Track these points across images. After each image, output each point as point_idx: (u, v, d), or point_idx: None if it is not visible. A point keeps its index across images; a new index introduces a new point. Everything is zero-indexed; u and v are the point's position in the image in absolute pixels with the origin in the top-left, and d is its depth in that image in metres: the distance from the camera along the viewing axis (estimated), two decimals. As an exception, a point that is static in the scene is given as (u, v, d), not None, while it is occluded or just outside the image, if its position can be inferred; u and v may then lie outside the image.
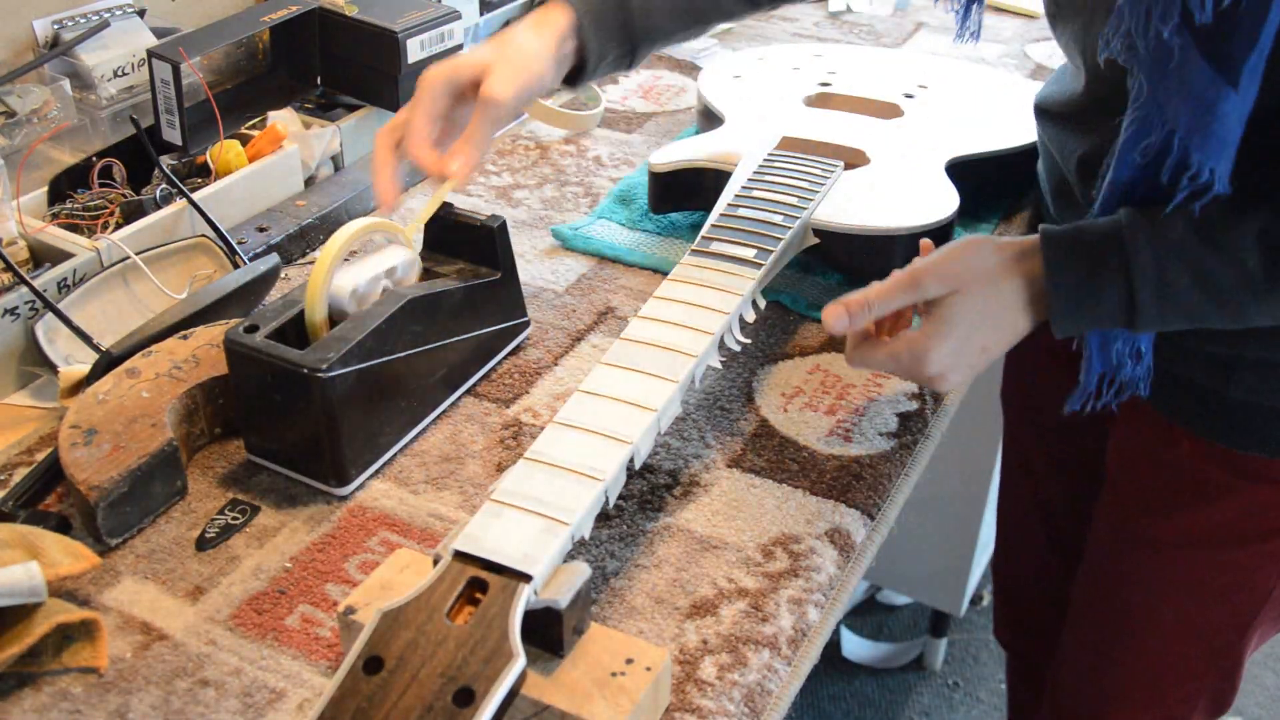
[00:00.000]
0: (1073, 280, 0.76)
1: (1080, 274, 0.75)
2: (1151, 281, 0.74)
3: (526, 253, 1.06)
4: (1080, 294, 0.76)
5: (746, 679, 0.67)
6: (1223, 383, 0.86)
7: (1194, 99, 0.68)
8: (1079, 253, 0.76)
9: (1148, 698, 1.05)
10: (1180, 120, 0.69)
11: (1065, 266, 0.76)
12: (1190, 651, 1.01)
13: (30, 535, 0.68)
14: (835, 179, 0.99)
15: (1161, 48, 0.67)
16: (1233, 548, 0.94)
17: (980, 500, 1.70)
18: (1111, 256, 0.75)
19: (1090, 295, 0.75)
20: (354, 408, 0.77)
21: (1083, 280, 0.75)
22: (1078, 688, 1.11)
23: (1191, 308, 0.75)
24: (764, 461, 0.83)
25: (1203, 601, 0.98)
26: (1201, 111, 0.68)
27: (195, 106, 1.03)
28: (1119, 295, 0.75)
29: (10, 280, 0.88)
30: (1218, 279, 0.73)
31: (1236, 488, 0.91)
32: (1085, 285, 0.75)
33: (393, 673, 0.52)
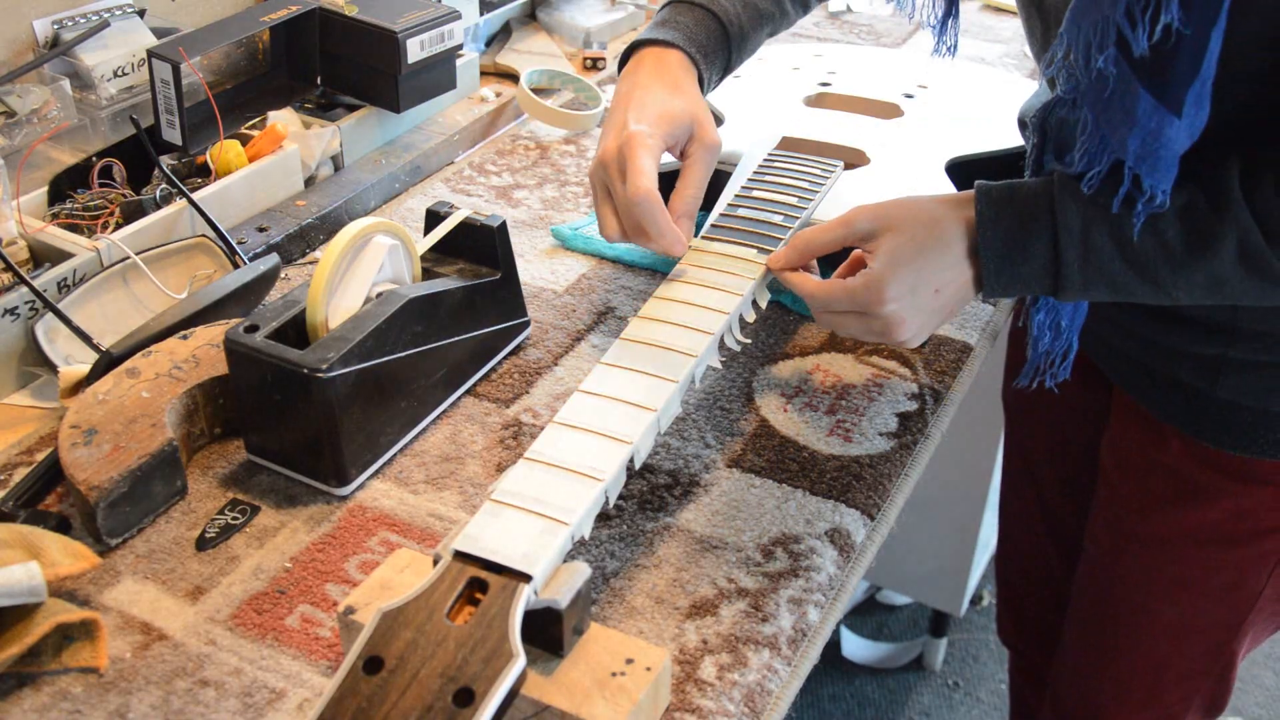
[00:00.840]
0: (1002, 235, 0.75)
1: (1010, 230, 0.75)
2: (1076, 243, 0.73)
3: (526, 253, 1.06)
4: (1009, 250, 0.75)
5: (746, 679, 0.67)
6: (1210, 383, 0.86)
7: (1139, 129, 0.67)
8: (1011, 208, 0.75)
9: (1145, 696, 1.06)
10: (1128, 150, 0.69)
11: (997, 221, 0.75)
12: (1185, 650, 1.01)
13: (30, 535, 0.68)
14: (835, 179, 0.99)
15: (1100, 78, 0.67)
16: (1224, 547, 0.94)
17: (980, 500, 1.71)
18: (1041, 215, 0.74)
19: (1018, 252, 0.75)
20: (354, 408, 0.77)
21: (1012, 236, 0.75)
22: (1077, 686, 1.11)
23: (1114, 275, 0.74)
24: (764, 461, 0.83)
25: (1196, 600, 0.98)
26: (1148, 139, 0.68)
27: (195, 106, 1.03)
28: (1045, 255, 0.74)
29: (10, 280, 0.88)
30: (1138, 248, 0.73)
31: (1226, 488, 0.91)
32: (1014, 241, 0.75)
33: (393, 673, 0.52)
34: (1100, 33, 0.65)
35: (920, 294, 0.77)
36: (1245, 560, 0.94)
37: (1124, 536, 1.00)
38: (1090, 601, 1.07)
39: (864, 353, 0.94)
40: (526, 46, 1.43)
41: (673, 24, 0.94)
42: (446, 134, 1.22)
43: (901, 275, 0.76)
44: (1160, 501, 0.96)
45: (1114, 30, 0.65)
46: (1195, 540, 0.95)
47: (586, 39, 1.47)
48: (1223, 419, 0.88)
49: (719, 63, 0.96)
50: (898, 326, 0.77)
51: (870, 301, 0.76)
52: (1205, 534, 0.94)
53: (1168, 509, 0.95)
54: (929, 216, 0.77)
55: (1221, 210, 0.70)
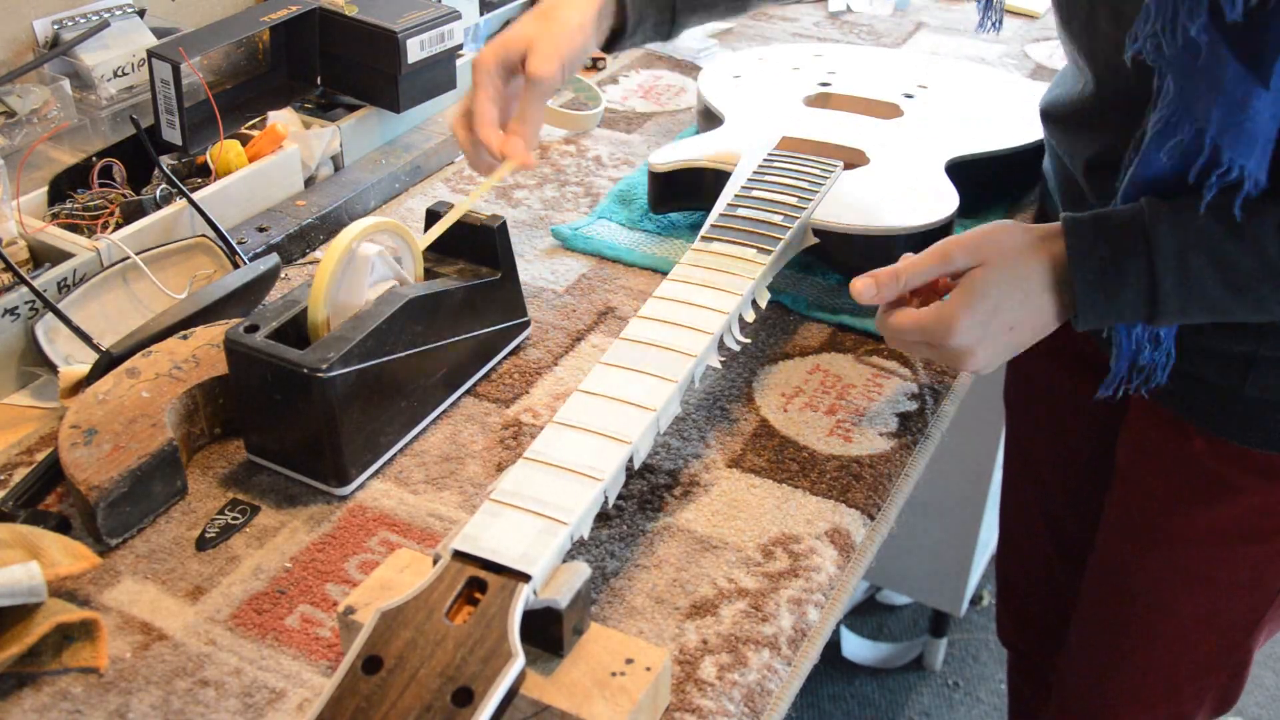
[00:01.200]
0: (1096, 268, 0.75)
1: (1103, 262, 0.75)
2: (1174, 270, 0.73)
3: (526, 253, 1.06)
4: (1103, 281, 0.75)
5: (746, 679, 0.67)
6: (1239, 381, 0.86)
7: (1224, 97, 0.67)
8: (1102, 240, 0.75)
9: (1158, 694, 1.05)
10: (1211, 119, 0.68)
11: (1088, 254, 0.75)
12: (1201, 647, 1.01)
13: (30, 535, 0.68)
14: (835, 179, 0.99)
15: (1189, 45, 0.66)
16: (1245, 544, 0.94)
17: (980, 500, 1.71)
18: (1135, 244, 0.74)
19: (1113, 282, 0.75)
20: (354, 408, 0.77)
21: (1106, 268, 0.75)
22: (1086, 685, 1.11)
23: (1213, 299, 0.74)
24: (764, 461, 0.83)
25: (1214, 597, 0.98)
26: (1233, 109, 0.67)
27: (195, 106, 1.03)
28: (1142, 284, 0.74)
29: (10, 280, 0.88)
30: (1239, 268, 0.73)
31: (1250, 485, 0.91)
32: (1108, 272, 0.75)
33: (392, 672, 0.52)
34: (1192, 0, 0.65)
35: (992, 328, 0.77)
36: (1265, 557, 0.94)
37: (1141, 535, 1.00)
38: (1102, 600, 1.07)
39: (864, 353, 0.94)
40: (526, 46, 1.43)
41: None
42: (446, 134, 1.22)
43: (976, 312, 0.76)
44: (1181, 499, 0.96)
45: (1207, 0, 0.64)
46: (1215, 537, 0.95)
47: (586, 39, 1.47)
48: (1250, 416, 0.87)
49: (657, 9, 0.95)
50: (967, 358, 0.78)
51: (939, 335, 0.77)
52: (1226, 531, 0.94)
53: (1189, 507, 0.95)
54: (1017, 252, 0.77)
55: None
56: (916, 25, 1.59)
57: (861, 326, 0.96)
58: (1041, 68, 1.45)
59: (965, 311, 0.76)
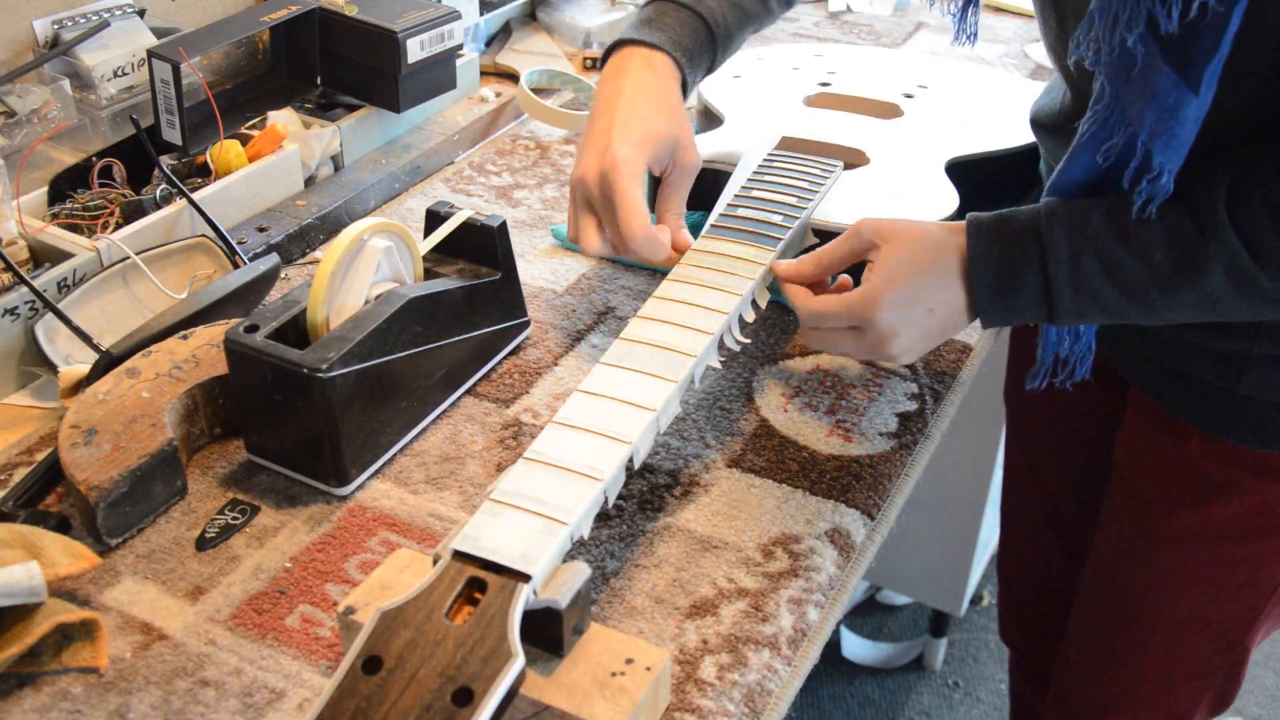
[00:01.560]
0: (993, 269, 0.77)
1: (1000, 264, 0.77)
2: (1066, 274, 0.75)
3: (526, 253, 1.06)
4: (999, 283, 0.77)
5: (746, 679, 0.67)
6: (1233, 380, 0.86)
7: (1157, 103, 0.69)
8: (998, 242, 0.77)
9: (1156, 693, 1.06)
10: (1144, 123, 0.70)
11: (986, 255, 0.77)
12: (1199, 646, 1.02)
13: (30, 535, 0.68)
14: (835, 179, 0.99)
15: (1126, 54, 0.68)
16: (1242, 543, 0.94)
17: (980, 500, 1.70)
18: (1029, 247, 0.76)
19: (1009, 285, 0.77)
20: (354, 408, 0.77)
21: (1002, 270, 0.77)
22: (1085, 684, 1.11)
23: (1106, 301, 0.75)
24: (764, 461, 0.83)
25: (1211, 596, 0.98)
26: (1164, 115, 0.69)
27: (195, 106, 1.03)
28: (1036, 286, 0.76)
29: (10, 280, 0.88)
30: (1127, 272, 0.74)
31: (1246, 484, 0.91)
32: (1004, 274, 0.77)
33: (392, 672, 0.52)
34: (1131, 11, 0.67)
35: (914, 310, 0.78)
36: (1262, 555, 0.95)
37: (1138, 534, 1.00)
38: (1100, 599, 1.07)
39: (864, 353, 0.94)
40: (526, 46, 1.43)
41: (658, 24, 0.94)
42: (446, 134, 1.22)
43: (897, 289, 0.77)
44: (1177, 499, 0.96)
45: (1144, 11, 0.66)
46: (1212, 536, 0.95)
47: (586, 39, 1.47)
48: (1245, 415, 0.88)
49: (703, 65, 0.97)
50: (890, 340, 0.78)
51: (865, 312, 0.77)
52: (1223, 530, 0.94)
53: (1185, 506, 0.95)
54: (928, 237, 0.79)
55: (1208, 233, 0.71)
56: (916, 25, 1.59)
57: (861, 326, 0.96)
58: (1041, 68, 1.45)
59: (887, 288, 0.77)
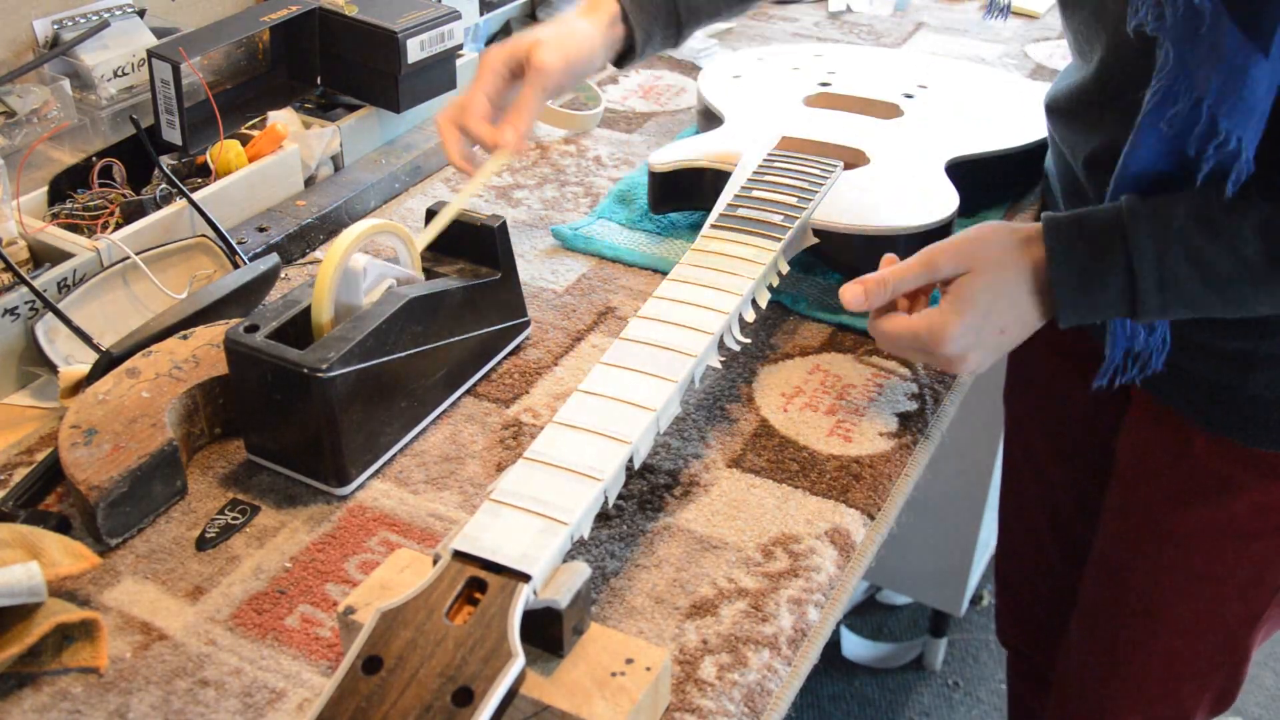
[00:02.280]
0: (1076, 269, 0.76)
1: (1083, 263, 0.76)
2: (1153, 270, 0.74)
3: (526, 253, 1.06)
4: (1083, 282, 0.76)
5: (746, 679, 0.67)
6: (1240, 379, 0.86)
7: (1224, 65, 0.67)
8: (1081, 241, 0.76)
9: (1158, 691, 1.05)
10: (1210, 87, 0.68)
11: (1068, 256, 0.76)
12: (1200, 645, 1.01)
13: (30, 535, 0.68)
14: (835, 179, 0.99)
15: (1192, 13, 0.67)
16: (1245, 542, 0.94)
17: (980, 500, 1.70)
18: (1114, 245, 0.75)
19: (1093, 284, 0.76)
20: (354, 408, 0.77)
21: (1085, 269, 0.76)
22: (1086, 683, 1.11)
23: (1193, 296, 0.75)
24: (764, 461, 0.83)
25: (1213, 595, 0.98)
26: (1231, 77, 0.67)
27: (195, 106, 1.03)
28: (1121, 284, 0.75)
29: (10, 280, 0.88)
30: (1217, 267, 0.73)
31: (1250, 483, 0.91)
32: (1088, 273, 0.76)
33: (392, 672, 0.52)
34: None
35: (985, 333, 0.78)
36: (1266, 555, 0.94)
37: (1141, 532, 1.00)
38: (1101, 597, 1.07)
39: (864, 353, 0.94)
40: (526, 46, 1.43)
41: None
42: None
43: (967, 320, 0.78)
44: (1181, 497, 0.96)
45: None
46: (1216, 535, 0.95)
47: (586, 39, 1.47)
48: (1251, 414, 0.88)
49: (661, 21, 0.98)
50: (957, 363, 0.80)
51: (932, 343, 0.78)
52: (1226, 529, 0.94)
53: (1189, 505, 0.95)
54: (1002, 256, 0.79)
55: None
56: (916, 25, 1.59)
57: (861, 326, 0.96)
58: (1041, 68, 1.45)
59: (957, 320, 0.77)
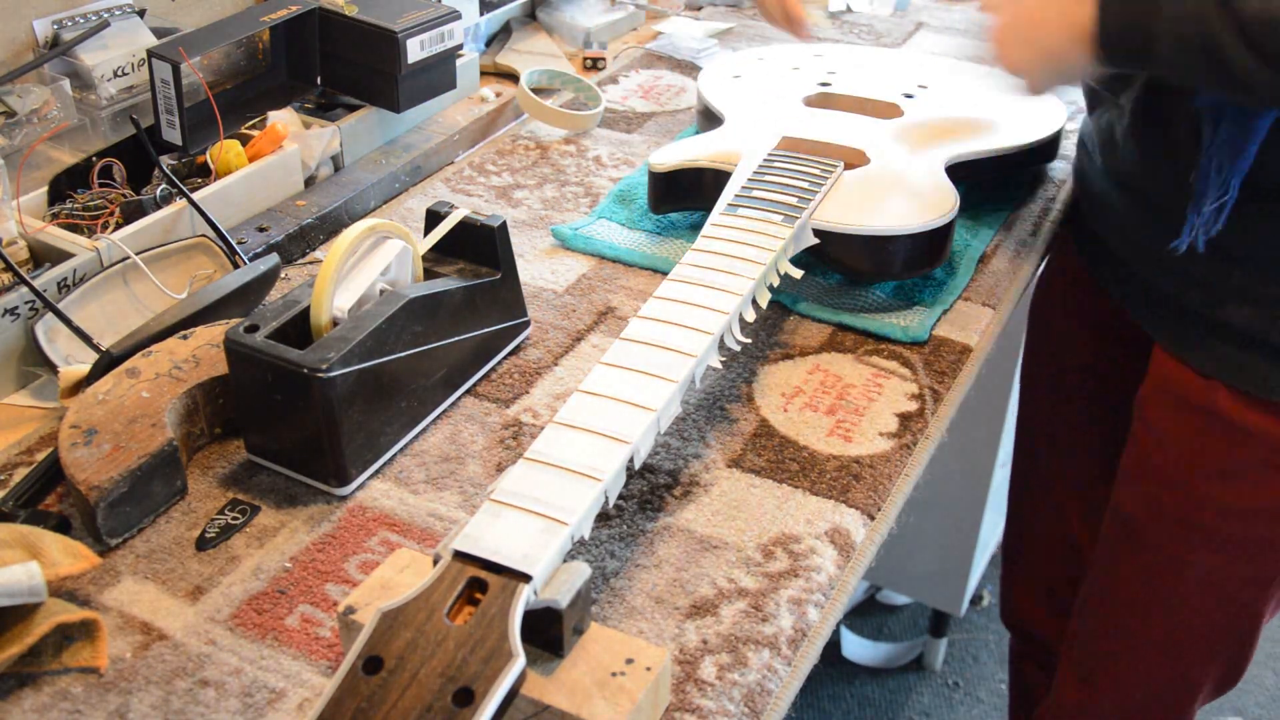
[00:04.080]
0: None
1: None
2: None
3: (526, 253, 1.06)
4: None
5: (746, 679, 0.67)
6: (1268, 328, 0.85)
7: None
8: None
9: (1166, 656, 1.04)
10: None
11: None
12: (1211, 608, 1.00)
13: (30, 535, 0.68)
14: (835, 179, 0.99)
15: None
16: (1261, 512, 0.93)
17: (980, 500, 1.70)
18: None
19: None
20: (354, 408, 0.77)
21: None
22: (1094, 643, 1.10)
23: None
24: (764, 461, 0.83)
25: (1225, 557, 0.97)
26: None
27: (195, 106, 1.03)
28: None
29: (10, 280, 0.88)
30: None
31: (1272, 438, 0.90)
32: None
33: (392, 673, 0.52)
34: None
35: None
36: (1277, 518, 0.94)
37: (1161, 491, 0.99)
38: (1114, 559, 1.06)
39: (864, 353, 0.94)
40: (526, 46, 1.43)
41: None
42: (446, 134, 1.22)
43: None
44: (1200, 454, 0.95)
45: None
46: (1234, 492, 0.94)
47: (586, 39, 1.47)
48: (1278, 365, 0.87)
49: None
50: (999, 33, 0.80)
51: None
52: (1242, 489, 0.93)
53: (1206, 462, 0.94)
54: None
55: None
56: (916, 25, 1.59)
57: (861, 326, 0.96)
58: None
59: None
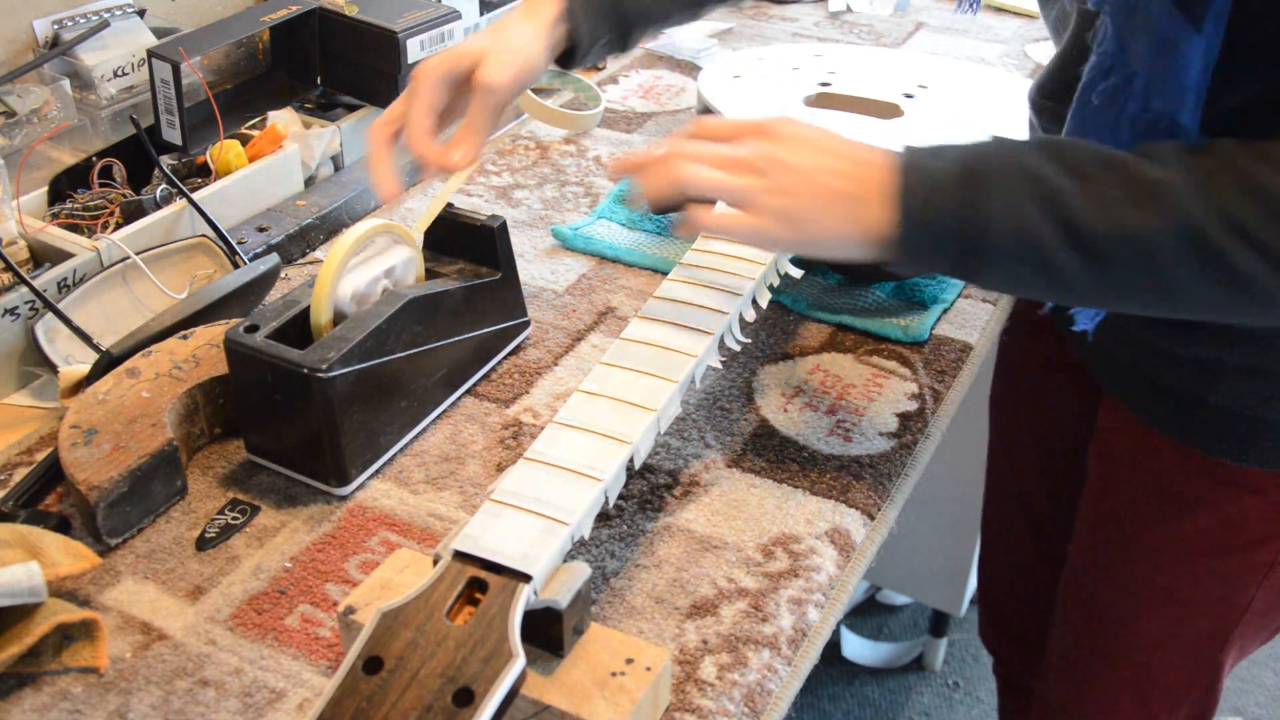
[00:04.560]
0: (924, 163, 0.67)
1: (931, 174, 0.67)
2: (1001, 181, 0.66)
3: (526, 253, 1.06)
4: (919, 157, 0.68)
5: (746, 679, 0.67)
6: (1206, 390, 0.84)
7: (1157, 39, 0.66)
8: (933, 156, 0.68)
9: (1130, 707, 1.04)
10: (1142, 62, 0.67)
11: (918, 163, 0.68)
12: (1171, 662, 0.99)
13: (30, 535, 0.68)
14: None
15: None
16: (1213, 557, 0.91)
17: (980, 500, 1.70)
18: (968, 162, 0.67)
19: (937, 190, 0.66)
20: (354, 408, 0.77)
21: (933, 177, 0.67)
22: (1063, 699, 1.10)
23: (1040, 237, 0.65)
24: (764, 461, 0.83)
25: (1183, 611, 0.95)
26: (1163, 52, 0.66)
27: (195, 106, 1.04)
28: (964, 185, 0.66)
29: (10, 280, 0.88)
30: (1065, 197, 0.65)
31: (1218, 497, 0.88)
32: (934, 182, 0.67)
33: (392, 673, 0.52)
34: None
35: (824, 139, 0.69)
36: (1233, 571, 0.92)
37: (1109, 545, 0.98)
38: (1074, 610, 1.06)
39: (864, 353, 0.94)
40: (526, 46, 1.43)
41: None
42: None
43: (794, 125, 0.70)
44: (1147, 510, 0.93)
45: None
46: (1183, 550, 0.92)
47: (586, 39, 1.47)
48: (1217, 427, 0.85)
49: (607, 23, 0.89)
50: (783, 146, 0.69)
51: (767, 122, 0.70)
52: (1193, 544, 0.91)
53: (1155, 518, 0.93)
54: None
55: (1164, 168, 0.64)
56: (916, 25, 1.59)
57: (862, 326, 0.96)
58: (1041, 68, 1.45)
59: (784, 123, 0.70)
